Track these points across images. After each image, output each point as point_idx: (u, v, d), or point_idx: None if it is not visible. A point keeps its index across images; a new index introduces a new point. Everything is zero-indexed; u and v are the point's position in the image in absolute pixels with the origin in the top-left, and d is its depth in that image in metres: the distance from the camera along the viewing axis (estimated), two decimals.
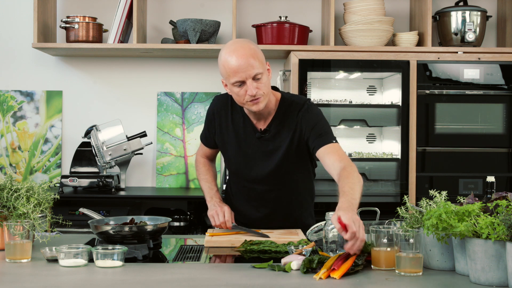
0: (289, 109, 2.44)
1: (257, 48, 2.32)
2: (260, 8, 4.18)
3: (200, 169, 2.70)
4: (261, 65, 2.29)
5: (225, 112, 2.51)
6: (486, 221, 1.67)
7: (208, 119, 2.58)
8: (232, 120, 2.48)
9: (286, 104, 2.45)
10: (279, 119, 2.43)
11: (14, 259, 1.96)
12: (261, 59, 2.30)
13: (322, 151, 2.33)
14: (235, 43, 2.32)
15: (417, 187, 3.67)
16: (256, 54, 2.28)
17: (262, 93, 2.30)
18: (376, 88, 4.07)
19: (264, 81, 2.30)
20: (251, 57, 2.26)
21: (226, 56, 2.28)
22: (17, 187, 2.10)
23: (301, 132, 2.40)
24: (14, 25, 4.14)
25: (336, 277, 1.74)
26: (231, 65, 2.26)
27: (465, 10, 3.84)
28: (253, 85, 2.27)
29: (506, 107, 3.73)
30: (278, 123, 2.43)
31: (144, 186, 4.17)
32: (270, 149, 2.44)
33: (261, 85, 2.29)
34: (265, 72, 2.30)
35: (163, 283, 1.72)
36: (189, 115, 4.15)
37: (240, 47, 2.28)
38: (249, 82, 2.27)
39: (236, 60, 2.25)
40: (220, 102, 2.54)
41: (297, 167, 2.48)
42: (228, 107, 2.50)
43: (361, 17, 3.78)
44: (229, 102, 2.50)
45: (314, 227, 2.21)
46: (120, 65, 4.18)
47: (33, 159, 4.12)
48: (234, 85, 2.29)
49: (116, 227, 2.10)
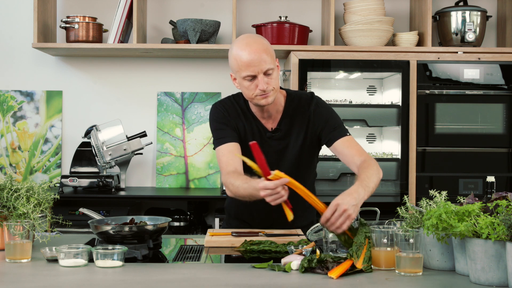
0: (298, 105, 2.44)
1: (268, 44, 2.33)
2: (260, 8, 4.18)
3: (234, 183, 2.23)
4: (272, 60, 2.31)
5: (234, 110, 2.45)
6: (486, 221, 1.67)
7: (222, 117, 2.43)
8: (239, 122, 2.44)
9: (294, 100, 2.46)
10: (289, 116, 2.43)
11: (14, 259, 1.96)
12: (272, 54, 2.32)
13: (339, 144, 2.36)
14: (247, 38, 2.33)
15: (417, 187, 3.67)
16: (268, 50, 2.30)
17: (272, 88, 2.31)
18: (376, 88, 4.07)
19: (274, 76, 2.32)
20: (263, 52, 2.27)
21: (238, 50, 2.29)
22: (17, 187, 2.09)
23: (314, 126, 2.42)
24: (14, 25, 4.14)
25: (334, 276, 1.74)
26: (244, 59, 2.27)
27: (465, 10, 3.85)
28: (264, 80, 2.28)
29: (506, 107, 3.73)
30: (288, 121, 2.43)
31: (144, 186, 4.17)
32: (282, 147, 2.43)
33: (271, 81, 2.31)
34: (275, 67, 2.32)
35: (163, 283, 1.72)
36: (189, 115, 4.15)
37: (253, 42, 2.30)
38: (260, 77, 2.28)
39: (249, 54, 2.26)
40: (222, 105, 2.47)
41: (307, 164, 2.48)
42: (235, 106, 2.46)
43: (361, 17, 3.78)
44: (233, 101, 2.47)
45: (314, 227, 2.21)
46: (120, 65, 4.18)
47: (33, 159, 4.12)
48: (245, 79, 2.30)
49: (116, 227, 2.10)
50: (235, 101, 2.47)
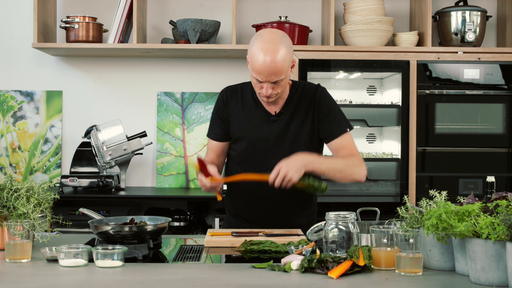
0: (303, 92, 2.48)
1: (288, 51, 2.30)
2: (260, 8, 4.18)
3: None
4: (285, 71, 2.31)
5: (235, 100, 2.52)
6: (486, 221, 1.67)
7: (219, 107, 2.54)
8: (243, 106, 2.50)
9: (299, 88, 2.50)
10: (294, 102, 2.47)
11: (14, 259, 1.96)
12: (287, 64, 2.31)
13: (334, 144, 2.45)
14: (269, 42, 2.29)
15: (417, 187, 3.67)
16: (285, 62, 2.29)
17: (276, 93, 2.35)
18: (376, 88, 4.07)
19: (282, 83, 2.34)
20: (278, 64, 2.27)
21: (257, 51, 2.29)
22: (17, 187, 2.09)
23: (318, 114, 2.45)
24: (14, 25, 4.14)
25: (334, 276, 1.74)
26: (256, 64, 2.29)
27: (465, 10, 3.84)
28: (269, 86, 2.32)
29: (506, 107, 3.73)
30: (293, 106, 2.46)
31: (144, 186, 4.17)
32: (284, 132, 2.46)
33: (277, 87, 2.34)
34: (287, 75, 2.33)
35: (163, 283, 1.72)
36: (189, 115, 4.15)
37: (272, 50, 2.27)
38: (266, 85, 2.32)
39: (263, 64, 2.27)
40: (229, 91, 2.55)
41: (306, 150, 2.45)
42: (238, 95, 2.52)
43: (361, 17, 3.78)
44: (239, 91, 2.53)
45: (314, 227, 2.22)
46: (120, 65, 4.18)
47: (33, 159, 4.12)
48: (253, 77, 2.34)
49: (116, 227, 2.10)
50: (243, 89, 2.52)
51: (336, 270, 1.76)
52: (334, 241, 1.98)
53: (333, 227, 1.97)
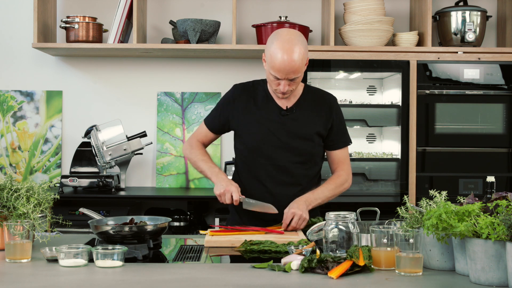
0: (316, 96, 2.62)
1: (304, 51, 2.42)
2: (260, 8, 4.18)
3: (195, 151, 2.67)
4: (302, 69, 2.43)
5: (246, 95, 2.61)
6: (486, 221, 1.67)
7: (225, 102, 2.65)
8: (255, 101, 2.59)
9: (311, 91, 2.64)
10: (307, 102, 2.59)
11: (14, 259, 1.96)
12: (304, 62, 2.44)
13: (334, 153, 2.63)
14: (288, 42, 2.39)
15: (417, 187, 3.67)
16: (302, 61, 2.41)
17: (291, 90, 2.47)
18: (376, 88, 4.07)
19: (298, 80, 2.47)
20: (296, 63, 2.39)
21: (276, 50, 2.39)
22: (17, 187, 2.10)
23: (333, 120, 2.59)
24: (14, 25, 4.14)
25: (334, 276, 1.74)
26: (276, 63, 2.39)
27: (465, 10, 3.84)
28: (286, 83, 2.43)
29: (506, 107, 3.73)
30: (305, 105, 2.58)
31: (144, 186, 4.17)
32: (294, 126, 2.55)
33: (293, 84, 2.46)
34: (302, 73, 2.45)
35: (163, 283, 1.72)
36: (189, 115, 4.15)
37: (291, 50, 2.37)
38: (284, 82, 2.43)
39: (282, 62, 2.38)
40: (241, 87, 2.65)
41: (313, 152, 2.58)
42: (250, 90, 2.62)
43: (361, 17, 3.78)
44: (251, 87, 2.63)
45: (314, 227, 2.22)
46: (120, 65, 4.18)
47: (33, 159, 4.12)
48: (271, 74, 2.43)
49: (116, 227, 2.10)
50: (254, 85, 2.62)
51: (336, 270, 1.76)
52: (334, 241, 1.98)
53: (333, 227, 1.97)
